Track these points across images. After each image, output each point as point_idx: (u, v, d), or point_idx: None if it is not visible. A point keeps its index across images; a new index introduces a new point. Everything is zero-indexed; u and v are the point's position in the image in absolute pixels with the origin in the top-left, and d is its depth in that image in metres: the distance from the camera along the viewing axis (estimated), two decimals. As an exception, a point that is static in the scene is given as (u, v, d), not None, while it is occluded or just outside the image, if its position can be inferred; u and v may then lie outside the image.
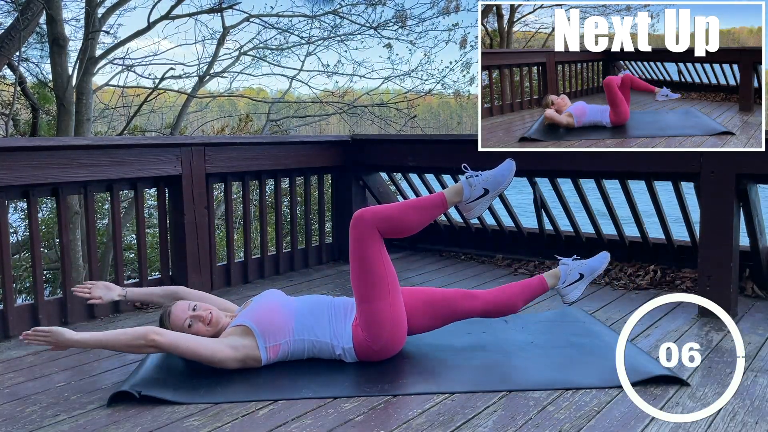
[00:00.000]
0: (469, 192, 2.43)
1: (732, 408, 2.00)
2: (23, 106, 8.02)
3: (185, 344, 2.17)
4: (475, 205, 2.45)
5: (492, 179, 2.46)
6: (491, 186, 2.45)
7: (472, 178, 2.44)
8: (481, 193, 2.43)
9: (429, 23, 8.67)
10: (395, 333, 2.31)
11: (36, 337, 2.12)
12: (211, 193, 3.49)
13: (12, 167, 2.68)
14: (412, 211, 2.40)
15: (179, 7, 7.63)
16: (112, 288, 2.56)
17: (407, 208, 2.41)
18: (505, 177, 2.47)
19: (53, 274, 8.05)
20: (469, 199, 2.44)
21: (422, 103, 10.41)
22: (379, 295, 2.28)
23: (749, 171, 2.83)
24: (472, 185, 2.43)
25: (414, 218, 2.39)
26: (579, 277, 2.56)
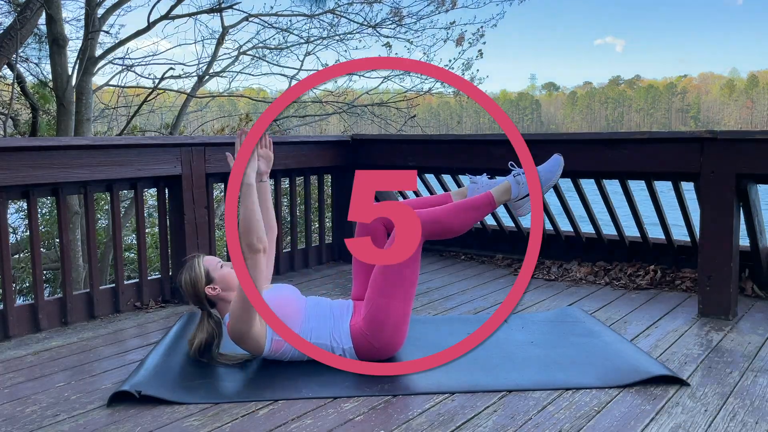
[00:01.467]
0: (517, 190, 2.38)
1: (732, 408, 2.00)
2: (23, 106, 8.02)
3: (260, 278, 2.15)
4: (524, 203, 2.40)
5: (541, 176, 2.40)
6: (540, 182, 2.39)
7: (520, 176, 2.40)
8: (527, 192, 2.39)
9: (427, 21, 8.67)
10: (398, 334, 2.31)
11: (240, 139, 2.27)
12: (211, 193, 3.49)
13: (12, 167, 2.68)
14: (461, 212, 2.36)
15: (179, 7, 7.63)
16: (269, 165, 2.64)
17: (456, 210, 2.36)
18: (553, 172, 2.41)
19: (53, 274, 8.05)
20: (517, 197, 2.39)
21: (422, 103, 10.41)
22: (397, 294, 2.29)
23: (749, 171, 2.83)
24: (520, 183, 2.39)
25: (465, 218, 2.35)
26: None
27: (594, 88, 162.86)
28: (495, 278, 3.78)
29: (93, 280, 3.08)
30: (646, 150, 3.14)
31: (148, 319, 3.06)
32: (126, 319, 3.06)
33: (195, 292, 2.34)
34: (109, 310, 3.12)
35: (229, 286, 2.35)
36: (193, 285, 2.33)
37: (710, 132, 2.93)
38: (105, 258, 7.37)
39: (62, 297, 2.96)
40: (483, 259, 4.25)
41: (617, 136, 3.27)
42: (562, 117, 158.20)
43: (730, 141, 2.85)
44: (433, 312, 3.12)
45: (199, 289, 2.33)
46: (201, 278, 2.33)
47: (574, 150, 3.42)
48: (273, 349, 2.28)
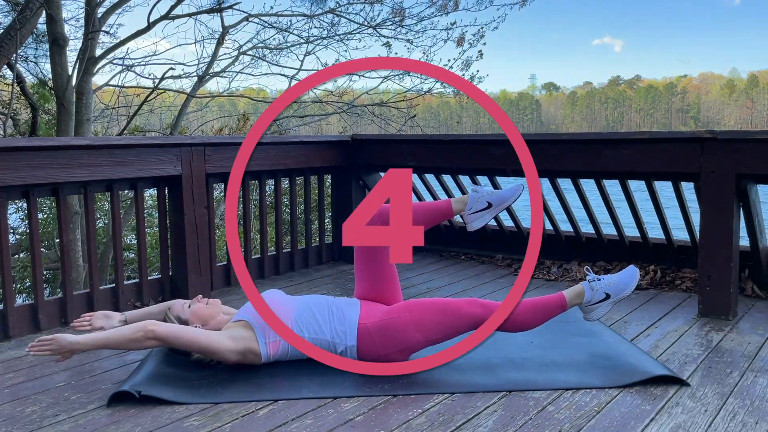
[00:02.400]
0: (590, 295, 2.37)
1: (732, 408, 2.00)
2: (23, 105, 8.02)
3: (184, 333, 2.20)
4: (596, 308, 2.39)
5: (614, 285, 2.38)
6: (613, 291, 2.37)
7: (595, 282, 2.38)
8: (603, 297, 2.37)
9: (428, 22, 8.66)
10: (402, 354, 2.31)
11: (41, 347, 2.15)
12: (211, 193, 3.49)
13: (12, 167, 2.68)
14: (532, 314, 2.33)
15: (179, 7, 7.63)
16: (111, 316, 2.56)
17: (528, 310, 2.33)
18: (629, 285, 2.37)
19: (53, 274, 8.06)
20: (590, 302, 2.38)
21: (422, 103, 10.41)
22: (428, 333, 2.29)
23: (749, 171, 2.83)
24: (594, 289, 2.37)
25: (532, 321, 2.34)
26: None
27: (594, 88, 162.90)
28: (495, 278, 3.78)
29: (93, 280, 3.08)
30: (646, 150, 3.14)
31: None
32: (126, 319, 3.06)
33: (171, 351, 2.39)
34: (109, 310, 3.11)
35: (205, 319, 2.39)
36: None
37: (710, 132, 2.93)
38: (105, 258, 7.37)
39: (62, 297, 2.96)
40: (483, 259, 4.25)
41: (617, 136, 3.27)
42: (562, 117, 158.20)
43: (730, 141, 2.85)
44: (433, 312, 3.11)
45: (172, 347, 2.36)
46: None
47: (574, 150, 3.43)
48: (271, 352, 2.28)
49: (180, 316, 2.40)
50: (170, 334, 2.18)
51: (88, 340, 2.16)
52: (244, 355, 2.26)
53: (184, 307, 2.42)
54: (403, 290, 3.45)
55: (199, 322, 2.38)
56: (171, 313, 2.42)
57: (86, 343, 2.16)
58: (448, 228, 4.48)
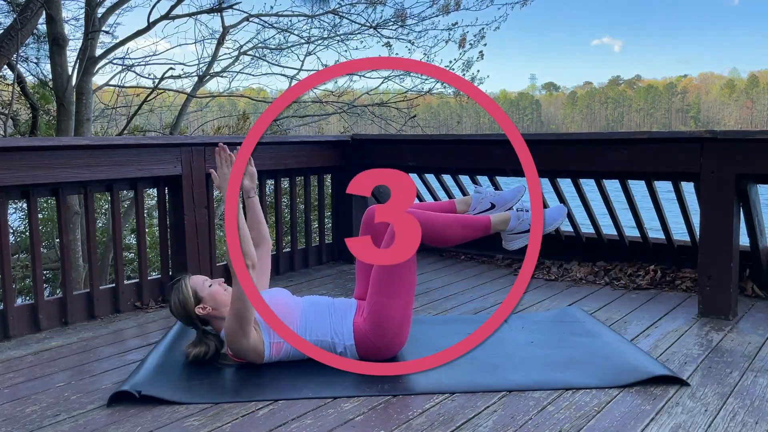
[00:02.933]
0: (515, 224, 2.44)
1: (732, 408, 2.00)
2: (23, 105, 8.02)
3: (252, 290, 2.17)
4: (516, 238, 2.45)
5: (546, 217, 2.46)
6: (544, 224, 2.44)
7: (523, 213, 2.45)
8: (526, 228, 2.44)
9: (429, 22, 8.66)
10: (400, 333, 2.32)
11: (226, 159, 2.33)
12: (211, 193, 3.49)
13: (12, 167, 2.68)
14: (457, 227, 2.40)
15: (179, 7, 7.62)
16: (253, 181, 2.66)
17: (454, 222, 2.40)
18: (555, 220, 2.47)
19: (53, 274, 8.05)
20: (512, 231, 2.44)
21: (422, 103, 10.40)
22: (397, 292, 2.30)
23: (749, 171, 2.83)
24: (521, 219, 2.44)
25: (457, 234, 2.40)
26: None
27: (594, 88, 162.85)
28: (495, 278, 3.78)
29: (93, 280, 3.08)
30: (646, 150, 3.14)
31: (148, 319, 3.06)
32: (126, 319, 3.06)
33: (186, 314, 2.35)
34: (109, 310, 3.12)
35: (218, 303, 2.35)
36: (183, 306, 2.34)
37: (710, 132, 2.93)
38: (105, 258, 7.36)
39: (62, 297, 2.96)
40: (483, 259, 4.25)
41: (617, 136, 3.27)
42: (562, 117, 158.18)
43: (730, 141, 2.85)
44: (433, 312, 3.12)
45: (189, 310, 2.34)
46: (189, 299, 2.33)
47: (574, 150, 3.42)
48: (273, 353, 2.28)
49: (197, 292, 2.34)
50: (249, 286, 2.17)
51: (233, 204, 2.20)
52: (248, 352, 2.25)
53: (204, 284, 2.37)
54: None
55: (211, 303, 2.34)
56: (189, 282, 2.36)
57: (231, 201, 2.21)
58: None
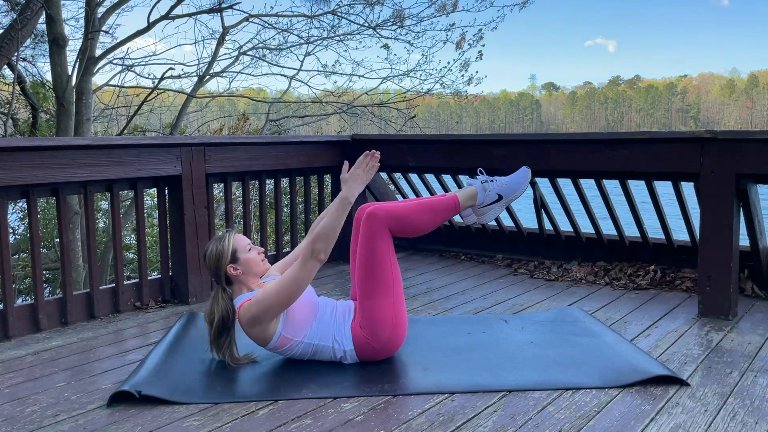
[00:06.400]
0: (483, 196, 2.41)
1: (732, 408, 2.00)
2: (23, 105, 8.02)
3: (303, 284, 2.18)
4: (488, 210, 2.42)
5: (507, 186, 2.43)
6: (505, 192, 2.42)
7: (487, 183, 2.42)
8: (495, 198, 2.41)
9: (428, 23, 8.66)
10: (395, 331, 2.32)
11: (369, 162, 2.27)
12: (211, 193, 3.49)
13: (12, 167, 2.68)
14: (425, 212, 2.38)
15: (179, 7, 7.62)
16: None
17: (420, 208, 2.38)
18: (520, 184, 2.44)
19: (53, 274, 8.06)
20: (482, 204, 2.42)
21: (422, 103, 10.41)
22: (383, 292, 2.29)
23: (749, 171, 2.83)
24: (487, 190, 2.41)
25: (426, 219, 2.37)
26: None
27: (594, 89, 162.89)
28: (495, 278, 3.78)
29: (93, 280, 3.08)
30: (646, 150, 3.14)
31: (148, 319, 3.06)
32: (126, 319, 3.06)
33: (217, 267, 2.32)
34: (109, 310, 3.12)
35: (251, 270, 2.34)
36: (217, 259, 2.32)
37: (710, 132, 2.93)
38: (105, 258, 7.37)
39: (62, 297, 2.96)
40: (483, 259, 4.25)
41: (617, 136, 3.27)
42: (562, 117, 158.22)
43: (730, 141, 2.85)
44: (433, 312, 3.12)
45: (221, 265, 2.31)
46: (227, 255, 2.31)
47: (574, 150, 3.43)
48: (278, 344, 2.27)
49: (236, 251, 2.33)
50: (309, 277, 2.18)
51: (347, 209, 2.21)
52: (255, 326, 2.22)
53: (246, 246, 2.35)
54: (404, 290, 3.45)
55: (244, 268, 2.32)
56: (232, 237, 2.34)
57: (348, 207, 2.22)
58: (448, 228, 4.48)
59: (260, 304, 2.19)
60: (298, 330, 2.28)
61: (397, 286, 2.33)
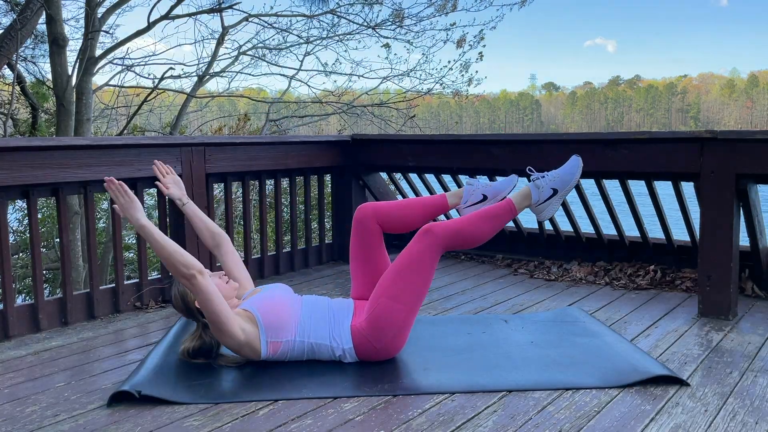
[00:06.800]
0: (537, 194, 2.39)
1: (732, 408, 2.00)
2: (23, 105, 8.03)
3: (215, 298, 2.14)
4: (546, 207, 2.40)
5: (559, 179, 2.40)
6: (559, 185, 2.39)
7: (539, 180, 2.40)
8: (550, 194, 2.38)
9: (427, 23, 8.67)
10: (398, 337, 2.32)
11: (117, 189, 2.15)
12: (211, 193, 3.49)
13: (12, 167, 2.68)
14: (482, 222, 2.35)
15: (179, 7, 7.63)
16: (181, 188, 2.59)
17: (477, 219, 2.35)
18: (573, 174, 2.40)
19: (53, 274, 8.05)
20: (538, 202, 2.40)
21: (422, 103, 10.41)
22: (406, 300, 2.29)
23: (749, 171, 2.83)
24: (540, 187, 2.39)
25: (486, 228, 2.34)
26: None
27: (594, 88, 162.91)
28: (495, 278, 3.78)
29: (93, 280, 3.08)
30: (646, 150, 3.14)
31: (148, 319, 3.06)
32: (126, 319, 3.06)
33: (185, 306, 2.35)
34: (109, 310, 3.12)
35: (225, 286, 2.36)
36: (182, 298, 2.34)
37: (710, 132, 2.93)
38: (105, 258, 7.37)
39: (62, 297, 2.96)
40: (483, 259, 4.25)
41: (617, 136, 3.27)
42: (562, 117, 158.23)
43: (730, 141, 2.85)
44: (433, 312, 3.12)
45: (188, 302, 2.34)
46: (188, 291, 2.33)
47: (574, 150, 3.42)
48: (271, 351, 2.28)
49: None
50: (207, 290, 2.12)
51: (150, 229, 2.13)
52: (241, 348, 2.23)
53: None
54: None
55: None
56: None
57: (146, 228, 2.13)
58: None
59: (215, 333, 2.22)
60: (282, 330, 2.28)
61: (420, 301, 2.33)
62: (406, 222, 2.55)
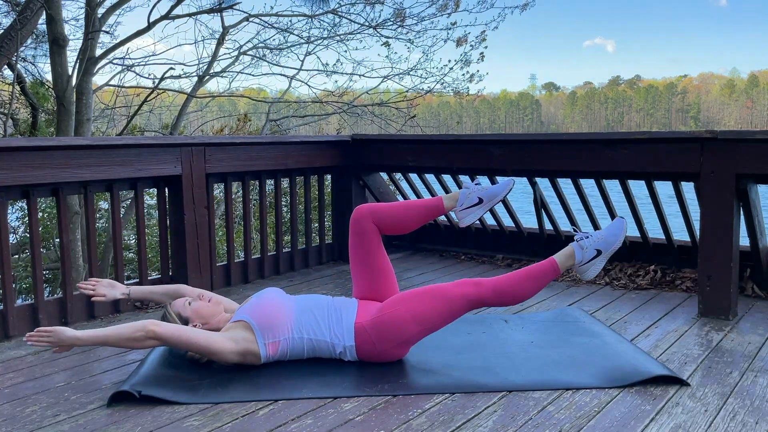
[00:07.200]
0: (581, 255, 2.36)
1: (732, 408, 2.00)
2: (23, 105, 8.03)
3: (185, 334, 2.18)
4: (589, 267, 2.37)
5: (604, 240, 2.36)
6: (603, 246, 2.35)
7: (584, 240, 2.37)
8: (594, 254, 2.35)
9: (428, 22, 8.66)
10: (400, 347, 2.32)
11: (39, 338, 2.14)
12: (211, 193, 3.49)
13: (12, 167, 2.68)
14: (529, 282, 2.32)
15: (179, 7, 7.62)
16: (116, 286, 2.59)
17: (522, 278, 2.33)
18: (617, 236, 2.36)
19: (53, 274, 8.05)
20: (582, 262, 2.37)
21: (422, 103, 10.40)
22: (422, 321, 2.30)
23: (749, 171, 2.83)
24: (584, 248, 2.36)
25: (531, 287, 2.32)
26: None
27: (594, 89, 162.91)
28: (495, 278, 3.77)
29: (93, 280, 3.07)
30: (646, 150, 3.14)
31: (148, 318, 3.05)
32: (126, 319, 3.06)
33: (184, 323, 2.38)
34: (109, 310, 3.12)
35: (206, 318, 2.38)
36: (178, 318, 2.38)
37: (710, 132, 2.93)
38: (105, 258, 7.36)
39: (62, 297, 2.96)
40: (483, 259, 4.25)
41: (617, 136, 3.27)
42: (562, 117, 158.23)
43: (730, 141, 2.85)
44: (433, 312, 3.11)
45: (184, 319, 2.37)
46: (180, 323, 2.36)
47: (574, 150, 3.43)
48: (270, 353, 2.28)
49: (181, 314, 2.38)
50: (171, 334, 2.17)
51: (88, 336, 2.15)
52: (243, 356, 2.26)
53: (186, 304, 2.40)
54: (404, 290, 3.45)
55: (200, 320, 2.37)
56: (171, 309, 2.39)
57: (86, 338, 2.14)
58: (448, 228, 4.48)
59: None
60: (277, 330, 2.28)
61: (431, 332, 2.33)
62: (402, 223, 2.57)
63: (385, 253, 2.58)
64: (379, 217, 2.53)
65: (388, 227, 2.55)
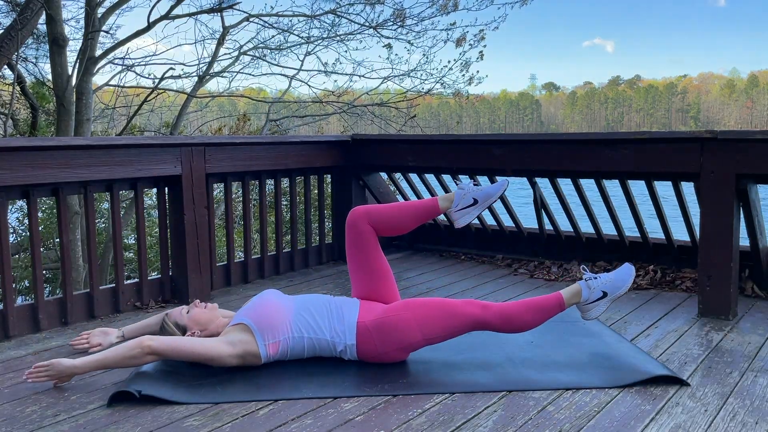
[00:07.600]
0: (587, 294, 2.39)
1: (732, 408, 2.00)
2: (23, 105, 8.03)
3: (181, 345, 2.19)
4: (593, 308, 2.40)
5: (611, 283, 2.38)
6: (610, 289, 2.38)
7: (592, 281, 2.39)
8: (600, 295, 2.38)
9: (428, 22, 8.66)
10: (401, 351, 2.32)
11: (38, 373, 2.16)
12: (211, 193, 3.49)
13: (12, 167, 2.68)
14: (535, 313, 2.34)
15: (179, 7, 7.63)
16: (108, 332, 2.62)
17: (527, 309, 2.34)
18: (625, 281, 2.38)
19: (53, 274, 8.06)
20: (587, 301, 2.39)
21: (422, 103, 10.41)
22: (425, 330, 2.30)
23: (749, 171, 2.83)
24: (591, 288, 2.38)
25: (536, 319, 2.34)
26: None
27: (594, 89, 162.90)
28: (495, 278, 3.78)
29: (93, 280, 3.07)
30: (646, 150, 3.14)
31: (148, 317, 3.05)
32: (126, 319, 3.06)
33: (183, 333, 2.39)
34: (109, 310, 3.12)
35: (203, 324, 2.39)
36: (176, 327, 2.39)
37: (710, 132, 2.93)
38: (105, 258, 7.37)
39: (62, 297, 2.96)
40: (483, 259, 4.25)
41: (617, 136, 3.27)
42: (562, 117, 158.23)
43: (730, 141, 2.85)
44: (433, 312, 3.11)
45: (182, 328, 2.39)
46: (176, 333, 2.38)
47: (574, 150, 3.42)
48: (270, 353, 2.28)
49: (178, 322, 2.39)
50: (167, 347, 2.17)
51: (86, 362, 2.16)
52: (243, 359, 2.26)
53: (182, 313, 2.41)
54: (404, 290, 3.46)
55: (197, 327, 2.37)
56: (169, 319, 2.40)
57: (84, 365, 2.16)
58: (448, 228, 4.48)
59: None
60: (277, 330, 2.28)
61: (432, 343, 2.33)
62: (398, 225, 2.57)
63: (382, 255, 2.58)
64: (375, 219, 2.53)
65: (384, 229, 2.56)
